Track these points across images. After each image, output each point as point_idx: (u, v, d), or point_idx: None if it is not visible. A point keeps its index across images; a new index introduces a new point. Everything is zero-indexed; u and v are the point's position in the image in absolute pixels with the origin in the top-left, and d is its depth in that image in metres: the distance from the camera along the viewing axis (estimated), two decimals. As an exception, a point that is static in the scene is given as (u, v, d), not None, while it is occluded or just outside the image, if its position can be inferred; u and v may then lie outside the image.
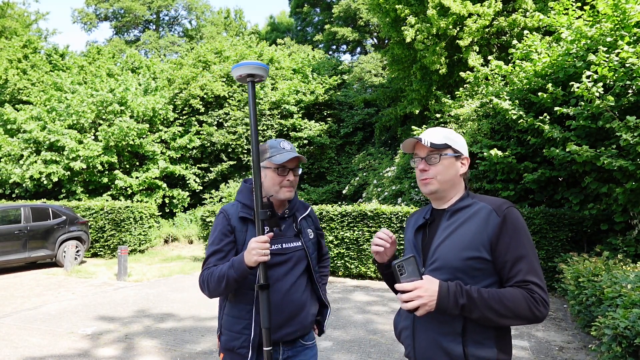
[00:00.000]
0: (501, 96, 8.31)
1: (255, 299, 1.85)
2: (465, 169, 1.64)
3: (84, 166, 13.53)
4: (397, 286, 1.39)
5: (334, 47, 28.96)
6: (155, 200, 14.67)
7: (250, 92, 1.79)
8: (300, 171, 2.01)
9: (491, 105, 8.74)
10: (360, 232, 8.81)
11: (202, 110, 16.36)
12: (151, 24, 37.39)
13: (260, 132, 15.92)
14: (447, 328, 1.47)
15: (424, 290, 1.37)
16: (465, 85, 10.64)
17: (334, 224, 8.92)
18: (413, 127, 11.06)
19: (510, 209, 1.49)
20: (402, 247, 8.48)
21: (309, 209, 2.10)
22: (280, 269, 1.90)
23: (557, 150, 6.72)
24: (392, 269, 1.41)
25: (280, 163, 1.89)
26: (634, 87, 6.17)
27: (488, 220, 1.48)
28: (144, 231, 11.98)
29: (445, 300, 1.37)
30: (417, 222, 1.68)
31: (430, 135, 1.63)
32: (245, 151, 15.89)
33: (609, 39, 6.63)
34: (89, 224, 11.43)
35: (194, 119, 16.46)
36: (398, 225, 8.55)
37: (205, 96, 16.34)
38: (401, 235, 8.52)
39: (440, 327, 1.47)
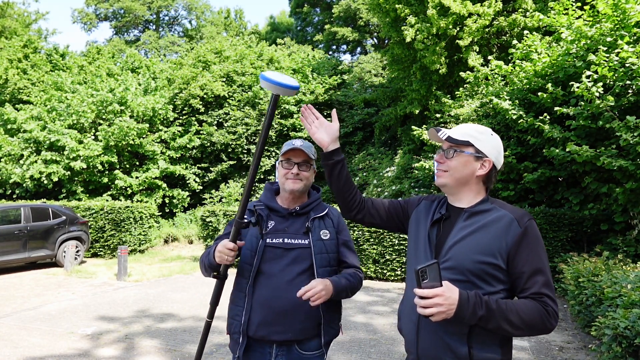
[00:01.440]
0: (501, 96, 8.31)
1: (247, 287, 1.95)
2: (484, 171, 1.58)
3: (84, 166, 13.52)
4: (417, 292, 1.37)
5: (334, 47, 28.96)
6: (155, 200, 14.66)
7: (272, 104, 1.73)
8: (310, 167, 2.03)
9: (491, 105, 8.74)
10: (360, 232, 8.81)
11: (202, 110, 16.36)
12: (151, 24, 37.39)
13: (260, 131, 15.88)
14: (453, 327, 1.46)
15: (444, 299, 1.35)
16: (465, 85, 10.64)
17: (334, 224, 8.92)
18: (413, 127, 11.07)
19: (531, 222, 1.51)
20: (400, 240, 8.48)
21: (327, 209, 2.07)
22: (277, 264, 1.92)
23: (557, 150, 6.72)
24: (414, 274, 1.37)
25: (281, 154, 2.03)
26: (633, 87, 6.18)
27: (509, 230, 1.49)
28: (143, 231, 11.97)
29: (465, 310, 1.37)
30: (434, 216, 1.66)
31: (455, 129, 1.61)
32: (245, 151, 15.90)
33: (609, 39, 6.64)
34: (89, 224, 11.43)
35: (193, 118, 16.46)
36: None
37: (205, 96, 16.34)
38: (402, 236, 8.52)
39: (447, 326, 1.47)
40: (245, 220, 1.81)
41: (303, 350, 1.92)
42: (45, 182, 13.64)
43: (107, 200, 13.52)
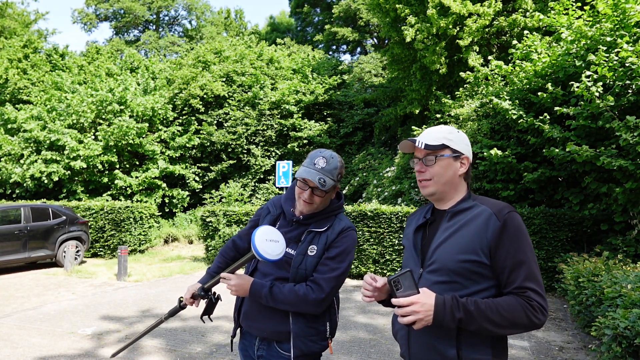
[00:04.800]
0: (501, 96, 8.31)
1: None
2: (465, 169, 1.61)
3: (84, 165, 13.52)
4: (393, 301, 1.37)
5: (334, 47, 28.97)
6: (154, 199, 14.66)
7: (244, 259, 1.90)
8: (325, 193, 1.92)
9: (491, 105, 8.74)
10: (360, 232, 8.80)
11: (202, 110, 16.36)
12: (151, 24, 37.40)
13: (260, 131, 15.93)
14: (442, 331, 1.46)
15: (421, 305, 1.35)
16: (465, 85, 10.64)
17: (334, 224, 8.92)
18: (413, 127, 11.07)
19: (511, 214, 1.48)
20: (399, 245, 8.48)
21: (328, 226, 1.95)
22: (267, 265, 1.96)
23: (557, 150, 6.72)
24: (388, 284, 1.37)
25: (298, 174, 1.93)
26: (633, 87, 6.18)
27: (488, 225, 1.47)
28: (143, 231, 11.97)
29: (442, 314, 1.36)
30: (418, 221, 1.67)
31: (427, 136, 1.60)
32: (245, 151, 15.90)
33: (608, 39, 6.64)
34: (89, 224, 11.43)
35: (193, 118, 16.46)
36: (398, 225, 8.55)
37: (205, 96, 16.34)
38: (401, 236, 8.52)
39: (435, 329, 1.46)
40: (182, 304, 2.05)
41: (282, 350, 1.93)
42: (46, 181, 13.64)
43: (107, 200, 13.52)
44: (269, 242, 1.77)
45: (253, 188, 15.66)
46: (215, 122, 16.41)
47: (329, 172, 1.90)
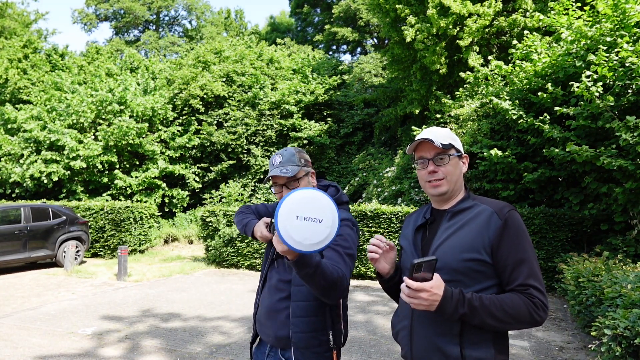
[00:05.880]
0: (501, 96, 8.31)
1: (258, 287, 2.08)
2: (465, 168, 1.67)
3: (84, 165, 13.52)
4: (407, 282, 1.36)
5: (334, 47, 28.96)
6: (154, 199, 14.66)
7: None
8: (298, 181, 1.97)
9: (491, 105, 8.74)
10: (359, 232, 8.81)
11: (202, 110, 16.36)
12: (151, 24, 37.40)
13: (260, 132, 15.93)
14: (444, 329, 1.47)
15: (430, 295, 1.35)
16: (465, 86, 10.64)
17: (334, 224, 8.91)
18: (413, 127, 11.07)
19: (511, 212, 1.50)
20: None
21: None
22: (273, 270, 2.00)
23: (557, 150, 6.72)
24: (410, 266, 1.36)
25: (268, 179, 2.03)
26: (633, 87, 6.18)
27: (489, 223, 1.49)
28: (143, 231, 11.97)
29: (447, 306, 1.37)
30: (417, 222, 1.68)
31: (437, 135, 1.62)
32: (245, 151, 15.90)
33: (608, 39, 6.64)
34: (89, 224, 11.43)
35: (193, 118, 16.46)
36: (398, 225, 8.54)
37: (205, 96, 16.34)
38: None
39: (438, 328, 1.47)
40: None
41: (283, 356, 1.92)
42: (45, 181, 13.64)
43: (107, 200, 13.51)
44: (302, 222, 1.32)
45: (253, 188, 15.65)
46: (215, 122, 16.40)
47: (287, 161, 1.99)
